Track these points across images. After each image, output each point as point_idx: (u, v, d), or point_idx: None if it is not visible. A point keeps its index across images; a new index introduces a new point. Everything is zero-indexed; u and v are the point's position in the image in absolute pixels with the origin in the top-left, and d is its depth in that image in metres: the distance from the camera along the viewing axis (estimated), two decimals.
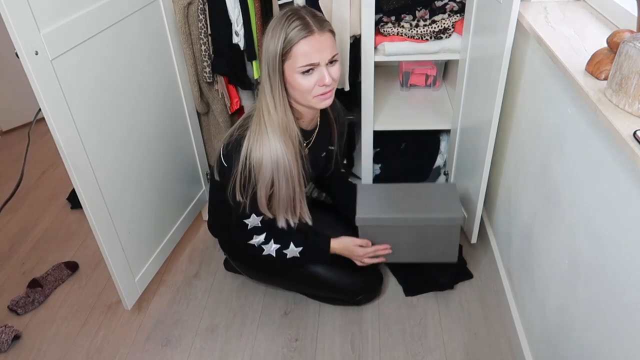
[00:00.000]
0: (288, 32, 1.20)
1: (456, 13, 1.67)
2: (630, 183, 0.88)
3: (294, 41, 1.20)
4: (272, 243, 1.47)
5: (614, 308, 0.96)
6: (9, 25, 1.09)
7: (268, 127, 1.29)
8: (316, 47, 1.22)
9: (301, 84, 1.24)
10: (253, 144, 1.30)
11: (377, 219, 1.47)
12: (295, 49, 1.21)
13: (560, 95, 1.17)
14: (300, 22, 1.20)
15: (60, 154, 1.28)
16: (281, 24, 1.21)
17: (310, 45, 1.21)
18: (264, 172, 1.31)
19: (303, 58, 1.21)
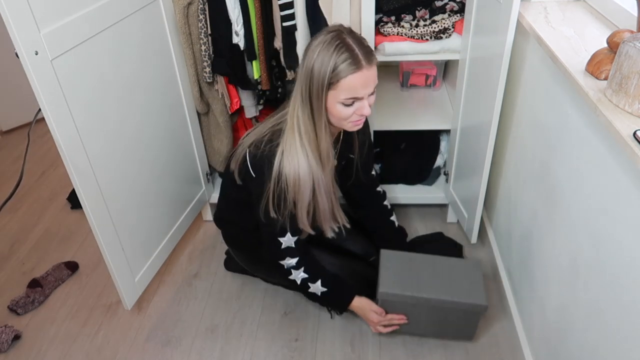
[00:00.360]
0: (337, 63, 1.18)
1: (456, 13, 1.67)
2: (630, 183, 0.88)
3: (342, 75, 1.19)
4: (301, 271, 1.46)
5: (614, 308, 0.96)
6: (9, 25, 1.08)
7: (307, 148, 1.29)
8: (363, 82, 1.21)
9: (340, 112, 1.25)
10: (289, 164, 1.29)
11: (400, 295, 1.45)
12: (342, 82, 1.20)
13: (560, 95, 1.17)
14: (350, 55, 1.18)
15: (60, 154, 1.28)
16: (330, 52, 1.18)
17: (357, 80, 1.20)
18: (302, 192, 1.32)
19: (348, 92, 1.21)
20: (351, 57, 1.18)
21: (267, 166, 1.31)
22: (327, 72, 1.19)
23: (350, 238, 1.75)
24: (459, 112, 1.71)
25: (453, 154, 1.83)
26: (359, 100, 1.25)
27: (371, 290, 1.55)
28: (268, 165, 1.30)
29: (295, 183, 1.30)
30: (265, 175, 1.31)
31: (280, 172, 1.30)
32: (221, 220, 1.68)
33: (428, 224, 2.02)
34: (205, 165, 2.00)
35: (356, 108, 1.26)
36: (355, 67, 1.19)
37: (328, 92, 1.23)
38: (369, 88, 1.24)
